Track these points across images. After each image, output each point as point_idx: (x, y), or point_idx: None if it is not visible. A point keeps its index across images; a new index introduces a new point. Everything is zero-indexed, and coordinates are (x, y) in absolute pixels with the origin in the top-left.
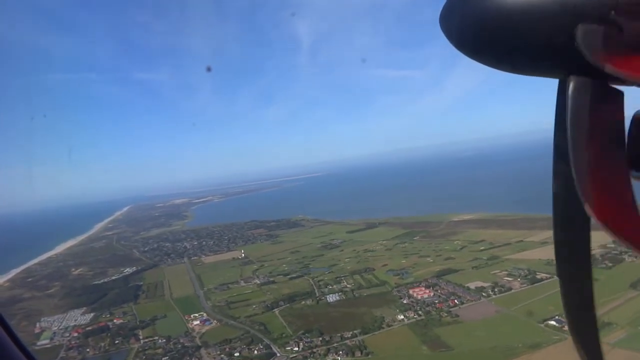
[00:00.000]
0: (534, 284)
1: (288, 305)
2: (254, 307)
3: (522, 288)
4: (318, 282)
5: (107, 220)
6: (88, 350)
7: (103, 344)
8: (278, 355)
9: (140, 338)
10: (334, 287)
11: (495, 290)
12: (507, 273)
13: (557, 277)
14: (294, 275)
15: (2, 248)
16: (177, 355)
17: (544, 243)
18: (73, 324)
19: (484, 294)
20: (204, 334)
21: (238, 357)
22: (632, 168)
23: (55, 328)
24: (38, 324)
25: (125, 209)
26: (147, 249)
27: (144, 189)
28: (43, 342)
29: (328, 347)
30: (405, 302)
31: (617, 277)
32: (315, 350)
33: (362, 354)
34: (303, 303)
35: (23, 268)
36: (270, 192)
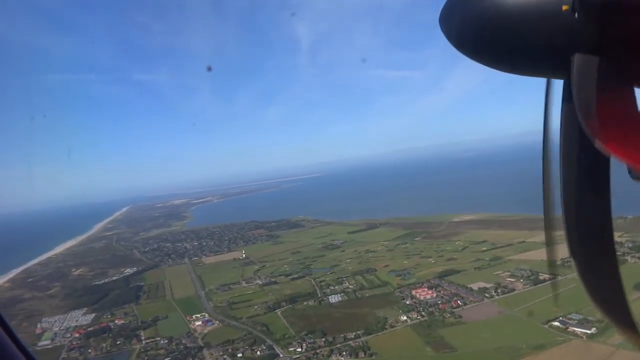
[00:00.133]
0: (537, 285)
1: (290, 306)
2: (256, 307)
3: (525, 289)
4: (320, 282)
5: (106, 221)
6: (90, 351)
7: (105, 345)
8: (281, 356)
9: (142, 339)
10: (336, 287)
11: (498, 291)
12: (509, 274)
13: (570, 257)
14: (296, 276)
15: (2, 248)
16: (179, 356)
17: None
18: (74, 325)
19: (487, 295)
20: (206, 335)
21: (241, 357)
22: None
23: (57, 329)
24: (39, 325)
25: (125, 210)
26: (147, 250)
27: (144, 190)
28: (44, 342)
29: (331, 347)
30: (408, 302)
31: None
32: (319, 351)
33: (365, 355)
34: (305, 304)
35: (23, 268)
36: (270, 192)
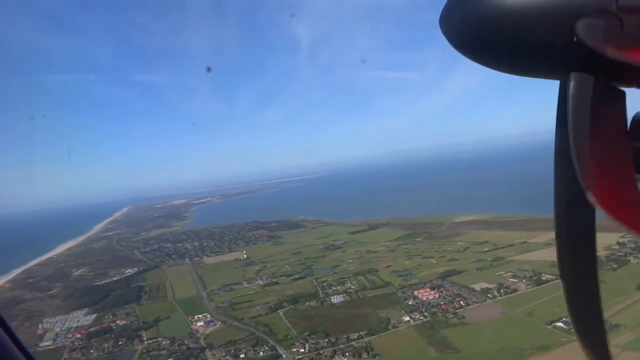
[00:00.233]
0: (540, 286)
1: (292, 307)
2: (258, 308)
3: (527, 289)
4: (322, 283)
5: (106, 221)
6: (91, 352)
7: (106, 345)
8: (284, 357)
9: (144, 339)
10: (338, 288)
11: (501, 292)
12: (512, 274)
13: (560, 278)
14: (297, 277)
15: (2, 249)
16: (181, 357)
17: (548, 244)
18: (76, 325)
19: (490, 296)
20: (209, 335)
21: (244, 358)
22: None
23: (58, 329)
24: (40, 325)
25: (125, 210)
26: (147, 250)
27: (143, 190)
28: (46, 343)
29: (334, 348)
30: (411, 303)
31: (623, 278)
32: (322, 352)
33: (368, 356)
34: (307, 304)
35: (24, 269)
36: (270, 193)
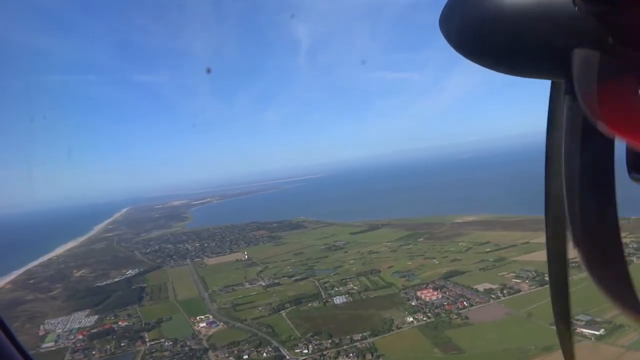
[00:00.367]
0: (543, 286)
1: (294, 308)
2: (260, 309)
3: (531, 290)
4: (324, 284)
5: (106, 222)
6: (94, 353)
7: (109, 347)
8: (287, 358)
9: (147, 340)
10: (340, 289)
11: (504, 292)
12: (515, 275)
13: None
14: (299, 277)
15: (2, 249)
16: (184, 358)
17: None
18: (77, 327)
19: (493, 296)
20: (211, 337)
21: (247, 359)
22: (632, 171)
23: (60, 330)
24: (42, 327)
25: (124, 210)
26: (148, 251)
27: (142, 190)
28: (48, 344)
29: (338, 349)
30: (414, 304)
31: None
32: (325, 353)
33: (373, 357)
34: (310, 305)
35: (24, 270)
36: (270, 193)
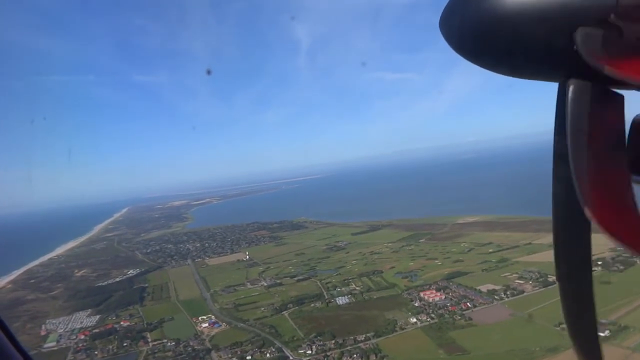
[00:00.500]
0: (547, 287)
1: (297, 308)
2: (263, 309)
3: (534, 291)
4: (326, 284)
5: (106, 222)
6: (96, 353)
7: (111, 347)
8: (291, 359)
9: (149, 341)
10: (343, 289)
11: (508, 293)
12: (518, 276)
13: (556, 279)
14: (301, 278)
15: (2, 249)
16: (187, 359)
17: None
18: (79, 327)
19: (497, 297)
20: (214, 337)
21: None
22: (632, 172)
23: (62, 330)
24: (43, 326)
25: (124, 211)
26: (149, 251)
27: (142, 191)
28: (50, 344)
29: (342, 350)
30: (417, 305)
31: (629, 280)
32: (329, 354)
33: (377, 358)
34: (312, 305)
35: (25, 269)
36: (269, 194)
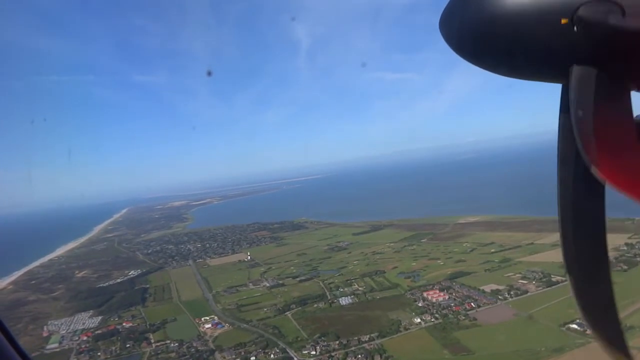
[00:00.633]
0: (551, 287)
1: (300, 309)
2: (265, 310)
3: (538, 291)
4: (328, 284)
5: (106, 222)
6: (99, 354)
7: (114, 348)
8: None
9: (152, 342)
10: (345, 289)
11: (511, 293)
12: (521, 276)
13: (568, 274)
14: (303, 278)
15: (3, 250)
16: None
17: (556, 245)
18: (81, 328)
19: (500, 297)
20: (217, 338)
21: None
22: None
23: (64, 331)
24: (45, 328)
25: (124, 211)
26: (150, 252)
27: (142, 191)
28: (52, 345)
29: (346, 350)
30: (421, 305)
31: (633, 279)
32: (334, 354)
33: (381, 358)
34: (315, 306)
35: (25, 270)
36: (270, 194)
